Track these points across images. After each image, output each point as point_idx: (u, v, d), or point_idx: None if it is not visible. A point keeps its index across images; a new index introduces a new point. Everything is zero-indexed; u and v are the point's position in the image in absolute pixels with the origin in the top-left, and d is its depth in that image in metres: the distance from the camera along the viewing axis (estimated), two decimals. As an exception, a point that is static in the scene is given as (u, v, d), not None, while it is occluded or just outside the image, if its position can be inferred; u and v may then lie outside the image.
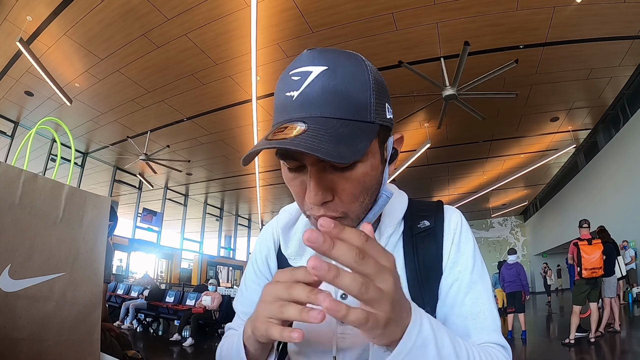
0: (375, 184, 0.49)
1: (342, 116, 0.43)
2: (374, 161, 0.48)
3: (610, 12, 4.85)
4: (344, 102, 0.43)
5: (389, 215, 0.60)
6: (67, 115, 7.56)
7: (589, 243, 4.71)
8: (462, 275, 0.56)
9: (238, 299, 0.71)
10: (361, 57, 0.48)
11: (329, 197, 0.46)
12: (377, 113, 0.46)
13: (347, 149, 0.40)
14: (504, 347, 0.53)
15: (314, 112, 0.43)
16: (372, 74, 0.46)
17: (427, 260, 0.57)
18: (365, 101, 0.45)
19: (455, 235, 0.59)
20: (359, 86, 0.44)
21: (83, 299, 0.62)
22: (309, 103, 0.43)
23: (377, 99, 0.46)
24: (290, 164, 0.47)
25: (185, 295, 7.35)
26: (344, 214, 0.48)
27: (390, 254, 0.35)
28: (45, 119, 0.80)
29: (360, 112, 0.44)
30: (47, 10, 4.82)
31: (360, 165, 0.46)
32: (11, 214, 0.54)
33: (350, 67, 0.45)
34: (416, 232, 0.59)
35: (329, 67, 0.44)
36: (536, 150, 9.66)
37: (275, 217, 0.72)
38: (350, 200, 0.47)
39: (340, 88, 0.43)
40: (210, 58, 5.78)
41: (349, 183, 0.46)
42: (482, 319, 0.53)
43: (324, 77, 0.43)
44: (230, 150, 9.18)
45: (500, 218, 18.29)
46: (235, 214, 16.20)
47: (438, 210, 0.62)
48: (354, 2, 4.66)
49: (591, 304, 4.81)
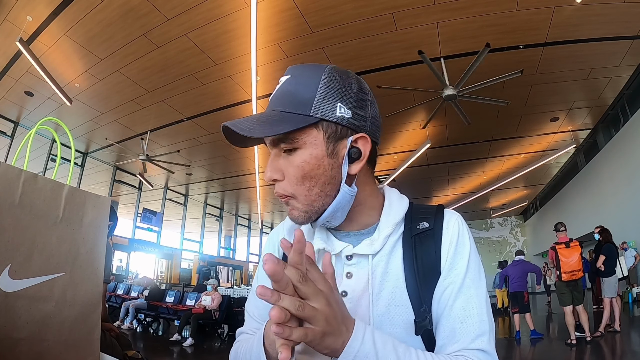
0: (323, 175, 0.55)
1: (282, 109, 0.54)
2: (315, 152, 0.54)
3: (610, 12, 4.85)
4: (289, 99, 0.55)
5: (387, 216, 0.62)
6: (67, 115, 7.55)
7: (566, 246, 4.72)
8: (457, 278, 0.57)
9: (250, 300, 0.73)
10: (328, 67, 0.57)
11: (279, 176, 0.56)
12: (319, 109, 0.53)
13: (260, 128, 0.51)
14: (487, 352, 0.53)
15: (270, 108, 0.56)
16: (325, 79, 0.55)
17: (425, 260, 0.59)
18: (308, 98, 0.53)
19: (453, 237, 0.60)
20: (306, 88, 0.54)
21: (83, 299, 0.62)
22: (272, 101, 0.57)
23: (323, 97, 0.54)
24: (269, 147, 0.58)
25: (185, 295, 7.35)
26: (292, 194, 0.56)
27: (327, 280, 0.44)
28: (45, 119, 0.80)
29: (299, 106, 0.53)
30: (47, 10, 4.82)
31: (299, 151, 0.54)
32: (11, 214, 0.54)
33: (306, 74, 0.56)
34: (415, 233, 0.61)
35: (291, 75, 0.57)
36: (536, 150, 9.66)
37: (283, 221, 0.76)
38: (294, 182, 0.55)
39: (290, 89, 0.55)
40: (210, 58, 5.78)
41: (292, 166, 0.55)
42: (469, 323, 0.54)
43: (285, 83, 0.56)
44: (230, 150, 9.18)
45: (500, 218, 18.29)
46: (235, 214, 16.20)
47: (438, 213, 0.63)
48: (354, 2, 4.65)
49: (577, 308, 4.81)
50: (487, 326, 0.55)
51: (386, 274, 0.59)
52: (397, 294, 0.58)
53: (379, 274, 0.59)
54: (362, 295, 0.59)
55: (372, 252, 0.59)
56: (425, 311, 0.56)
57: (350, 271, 0.61)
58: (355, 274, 0.60)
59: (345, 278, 0.61)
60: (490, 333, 0.55)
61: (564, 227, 4.93)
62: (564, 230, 4.91)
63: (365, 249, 0.59)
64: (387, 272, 0.59)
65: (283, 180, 0.56)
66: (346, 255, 0.61)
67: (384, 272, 0.59)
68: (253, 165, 9.70)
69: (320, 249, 0.62)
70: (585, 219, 10.01)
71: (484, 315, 0.55)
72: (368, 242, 0.60)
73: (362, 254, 0.60)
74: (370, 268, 0.59)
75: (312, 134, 0.54)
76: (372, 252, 0.59)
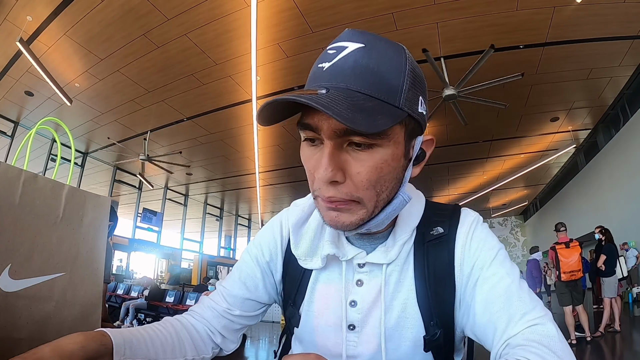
0: (394, 179, 0.47)
1: (369, 92, 0.42)
2: (396, 151, 0.45)
3: (610, 12, 4.85)
4: (374, 79, 0.42)
5: (405, 220, 0.56)
6: (67, 115, 7.55)
7: (566, 246, 4.72)
8: (480, 273, 0.51)
9: (227, 279, 0.68)
10: (404, 47, 0.47)
11: (340, 177, 0.44)
12: (408, 101, 0.44)
13: (363, 119, 0.38)
14: (542, 318, 0.45)
15: (340, 83, 0.42)
16: (409, 63, 0.45)
17: (437, 270, 0.54)
18: (396, 85, 0.43)
19: (467, 240, 0.54)
20: (392, 69, 0.43)
21: (83, 299, 0.62)
22: (338, 74, 0.42)
23: (410, 87, 0.44)
24: (308, 133, 0.45)
25: (185, 295, 7.35)
26: (358, 199, 0.45)
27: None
28: (45, 119, 0.80)
29: (389, 93, 0.43)
30: (47, 10, 4.82)
31: (379, 149, 0.44)
32: (11, 214, 0.54)
33: (388, 50, 0.44)
34: (428, 240, 0.55)
35: (365, 45, 0.43)
36: (536, 150, 9.66)
37: (286, 209, 0.68)
38: (364, 186, 0.44)
39: (372, 66, 0.42)
40: (210, 58, 5.78)
41: (364, 167, 0.44)
42: (514, 306, 0.47)
43: (358, 53, 0.43)
44: (230, 150, 9.18)
45: (500, 218, 18.29)
46: (235, 214, 16.20)
47: (454, 216, 0.57)
48: (354, 2, 4.65)
49: (577, 308, 4.82)
50: (532, 302, 0.47)
51: (399, 284, 0.55)
52: (409, 305, 0.54)
53: (392, 284, 0.55)
54: (372, 305, 0.55)
55: (387, 262, 0.54)
56: (435, 326, 0.52)
57: (361, 279, 0.57)
58: (367, 282, 0.56)
59: (355, 286, 0.57)
60: (538, 307, 0.47)
61: (564, 227, 4.93)
62: (564, 231, 4.91)
63: (380, 258, 0.54)
64: (400, 282, 0.55)
65: (344, 183, 0.44)
66: (358, 263, 0.56)
67: (397, 282, 0.55)
68: (253, 165, 9.69)
69: (330, 255, 0.57)
70: (585, 219, 10.01)
71: (524, 294, 0.48)
72: (383, 250, 0.55)
73: (376, 262, 0.55)
74: (384, 278, 0.54)
75: (396, 130, 0.45)
76: (387, 261, 0.54)
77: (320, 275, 0.60)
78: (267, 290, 0.66)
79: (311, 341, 0.60)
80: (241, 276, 0.66)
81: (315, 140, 0.46)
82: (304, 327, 0.61)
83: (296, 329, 0.62)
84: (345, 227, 0.47)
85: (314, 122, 0.43)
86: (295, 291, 0.62)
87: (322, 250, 0.58)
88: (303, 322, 0.61)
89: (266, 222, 5.09)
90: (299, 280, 0.61)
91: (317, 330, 0.59)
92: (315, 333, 0.59)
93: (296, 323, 0.61)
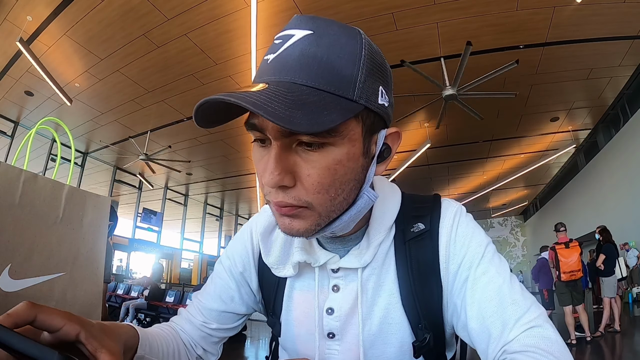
0: (352, 181, 0.42)
1: (316, 85, 0.37)
2: (352, 150, 0.40)
3: (610, 12, 4.85)
4: (322, 69, 0.37)
5: (379, 219, 0.52)
6: (67, 115, 7.55)
7: (566, 246, 4.73)
8: (468, 272, 0.48)
9: (202, 292, 0.65)
10: (360, 31, 0.41)
11: (288, 181, 0.39)
12: (364, 92, 0.39)
13: (304, 116, 0.34)
14: (538, 319, 0.43)
15: (284, 77, 0.38)
16: (366, 49, 0.40)
17: (422, 270, 0.50)
18: (349, 75, 0.38)
19: (451, 234, 0.51)
20: (345, 57, 0.38)
21: (83, 299, 0.62)
22: (282, 66, 0.38)
23: (367, 76, 0.39)
24: (255, 134, 0.41)
25: (185, 295, 7.35)
26: (307, 204, 0.40)
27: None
28: (45, 119, 0.80)
29: (340, 85, 0.38)
30: (47, 10, 4.82)
31: (332, 149, 0.39)
32: (11, 214, 0.54)
33: (340, 37, 0.39)
34: (409, 238, 0.51)
35: (314, 32, 0.39)
36: (536, 150, 9.65)
37: (256, 215, 0.64)
38: (315, 189, 0.39)
39: (320, 54, 0.38)
40: (210, 58, 5.78)
41: (315, 169, 0.39)
42: (504, 309, 0.44)
43: (305, 42, 0.38)
44: (230, 150, 9.18)
45: (500, 218, 18.28)
46: (235, 214, 16.19)
47: (434, 208, 0.53)
48: (354, 2, 4.65)
49: (577, 308, 4.82)
50: (526, 303, 0.45)
51: (379, 288, 0.51)
52: (391, 310, 0.51)
53: (370, 289, 0.51)
54: (350, 312, 0.52)
55: (361, 265, 0.50)
56: (425, 329, 0.49)
57: (337, 284, 0.53)
58: (343, 287, 0.53)
59: (331, 292, 0.53)
60: (532, 307, 0.45)
61: (564, 228, 4.93)
62: (564, 231, 4.92)
63: (354, 262, 0.50)
64: (380, 286, 0.52)
65: (294, 187, 0.40)
66: (332, 268, 0.53)
67: (376, 285, 0.52)
68: (253, 165, 9.69)
69: (300, 262, 0.53)
70: (585, 219, 10.00)
71: (516, 295, 0.45)
72: (356, 253, 0.51)
73: (349, 267, 0.51)
74: (360, 282, 0.51)
75: (351, 126, 0.40)
76: (362, 265, 0.50)
77: (296, 282, 0.58)
78: (244, 301, 0.63)
79: (294, 350, 0.59)
80: (216, 289, 0.63)
81: (265, 141, 0.41)
82: (285, 335, 0.59)
83: (279, 337, 0.61)
84: (300, 234, 0.43)
85: (259, 122, 0.39)
86: (272, 300, 0.60)
87: (292, 257, 0.54)
88: (284, 331, 0.59)
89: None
90: (275, 289, 0.59)
91: (298, 339, 0.58)
92: (297, 342, 0.58)
93: (278, 332, 0.60)
